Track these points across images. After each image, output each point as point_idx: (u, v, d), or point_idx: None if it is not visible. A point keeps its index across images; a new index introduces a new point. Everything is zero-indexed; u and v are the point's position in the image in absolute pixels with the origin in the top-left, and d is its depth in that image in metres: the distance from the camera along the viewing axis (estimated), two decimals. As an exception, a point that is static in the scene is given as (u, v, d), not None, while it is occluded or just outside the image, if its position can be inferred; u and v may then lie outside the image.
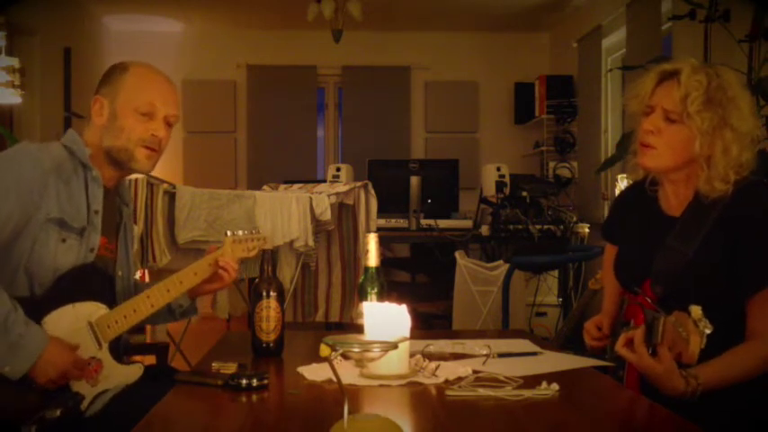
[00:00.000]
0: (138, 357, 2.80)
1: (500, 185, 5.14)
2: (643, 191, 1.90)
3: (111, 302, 1.77)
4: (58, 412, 1.56)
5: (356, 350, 1.28)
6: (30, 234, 1.68)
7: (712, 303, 1.53)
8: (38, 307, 1.65)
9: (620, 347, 1.64)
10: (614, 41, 5.84)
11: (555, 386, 1.50)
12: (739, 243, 1.67)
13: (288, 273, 3.76)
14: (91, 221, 1.76)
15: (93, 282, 1.76)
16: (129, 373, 1.75)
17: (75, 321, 1.67)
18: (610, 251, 2.08)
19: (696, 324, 1.45)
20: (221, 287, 1.96)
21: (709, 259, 1.69)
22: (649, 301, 1.72)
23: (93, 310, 1.70)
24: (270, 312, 1.85)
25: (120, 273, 1.90)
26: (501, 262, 4.45)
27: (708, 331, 1.44)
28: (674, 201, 1.82)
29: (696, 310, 1.46)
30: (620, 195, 2.16)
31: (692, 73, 1.69)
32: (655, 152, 1.74)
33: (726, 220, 1.70)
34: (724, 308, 1.63)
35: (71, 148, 1.78)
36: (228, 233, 1.95)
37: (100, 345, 1.70)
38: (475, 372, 1.63)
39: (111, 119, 1.80)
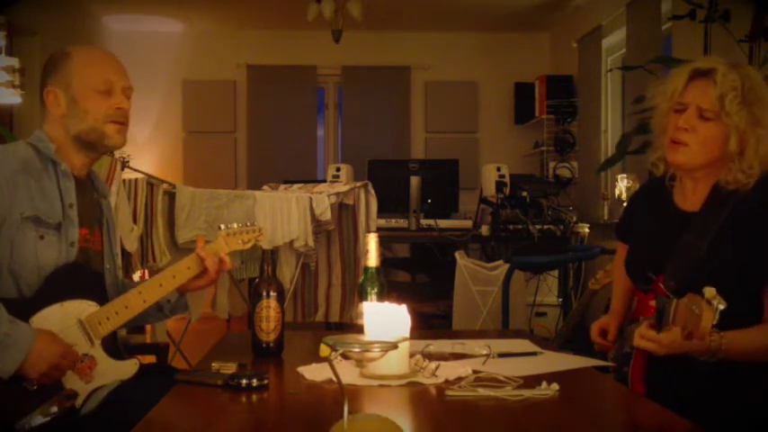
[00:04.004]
0: (138, 357, 2.79)
1: (500, 185, 5.13)
2: (657, 188, 1.92)
3: (102, 300, 1.77)
4: (53, 410, 1.56)
5: (356, 350, 1.28)
6: (6, 235, 1.67)
7: (724, 297, 1.53)
8: (26, 308, 1.65)
9: (637, 341, 1.65)
10: (614, 41, 5.84)
11: (555, 386, 1.49)
12: (754, 233, 1.70)
13: (288, 273, 3.76)
14: (66, 215, 1.76)
15: (82, 280, 1.76)
16: (124, 369, 1.75)
17: (64, 320, 1.67)
18: (622, 251, 2.09)
19: (709, 302, 1.46)
20: (207, 284, 1.94)
21: (721, 252, 1.71)
22: (662, 287, 1.73)
23: (82, 307, 1.71)
24: (270, 312, 1.85)
25: (107, 266, 1.90)
26: (501, 262, 4.45)
27: (722, 307, 1.45)
28: (691, 196, 1.84)
29: (710, 290, 1.47)
30: (634, 194, 2.18)
31: (726, 72, 1.73)
32: (687, 149, 1.77)
33: (741, 213, 1.72)
34: (736, 302, 1.64)
35: (37, 146, 1.78)
36: (222, 227, 1.95)
37: (92, 342, 1.70)
38: (475, 372, 1.63)
39: (72, 105, 1.79)
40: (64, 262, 1.74)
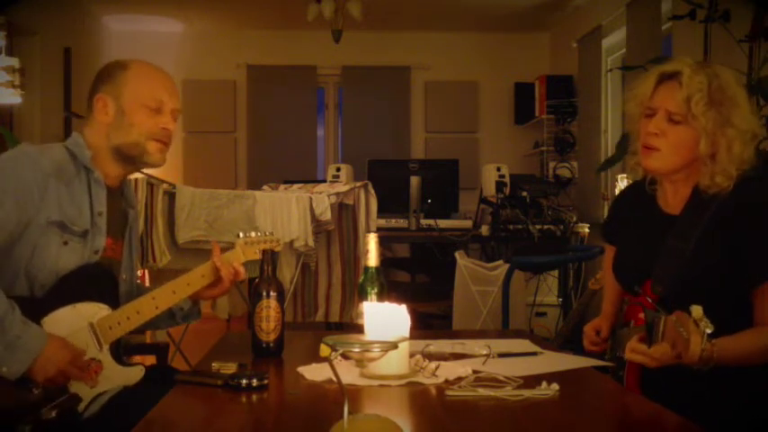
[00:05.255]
0: (138, 357, 2.79)
1: (500, 185, 5.14)
2: (641, 191, 1.91)
3: (114, 304, 1.75)
4: (54, 413, 1.56)
5: (356, 350, 1.28)
6: (30, 238, 1.67)
7: (712, 300, 1.53)
8: (39, 307, 1.64)
9: (628, 354, 1.64)
10: (614, 41, 5.84)
11: (555, 386, 1.49)
12: (739, 235, 1.69)
13: (288, 273, 3.76)
14: (95, 223, 1.76)
15: (97, 282, 1.75)
16: (129, 375, 1.74)
17: (76, 322, 1.66)
18: (610, 253, 2.09)
19: (697, 324, 1.45)
20: (220, 293, 1.93)
21: (707, 255, 1.70)
22: (650, 300, 1.72)
23: (94, 310, 1.69)
24: (270, 312, 1.84)
25: (124, 276, 1.89)
26: (501, 262, 4.45)
27: (709, 331, 1.44)
28: (672, 199, 1.83)
29: (697, 310, 1.46)
30: (618, 196, 2.17)
31: (692, 74, 1.71)
32: (659, 154, 1.75)
33: (724, 214, 1.71)
34: (724, 304, 1.64)
35: (73, 150, 1.77)
36: (241, 235, 1.93)
37: (100, 346, 1.69)
38: (475, 372, 1.63)
39: (119, 116, 1.80)
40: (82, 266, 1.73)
